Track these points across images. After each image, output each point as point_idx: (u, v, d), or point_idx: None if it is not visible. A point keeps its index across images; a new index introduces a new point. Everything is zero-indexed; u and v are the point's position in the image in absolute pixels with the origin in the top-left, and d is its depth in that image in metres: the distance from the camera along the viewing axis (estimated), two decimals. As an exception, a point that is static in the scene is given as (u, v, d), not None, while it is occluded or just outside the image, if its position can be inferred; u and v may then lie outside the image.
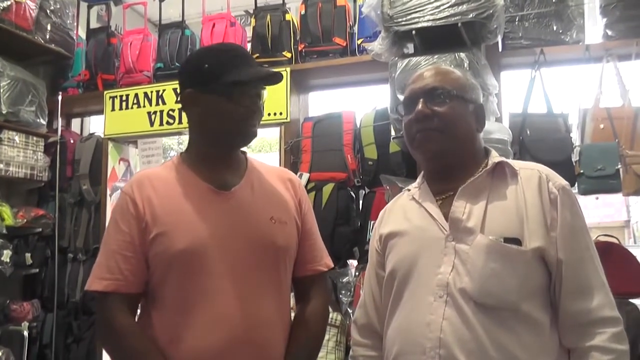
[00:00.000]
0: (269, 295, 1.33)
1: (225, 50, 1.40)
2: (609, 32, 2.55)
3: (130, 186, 1.34)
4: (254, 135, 1.37)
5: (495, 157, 1.29)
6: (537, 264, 1.17)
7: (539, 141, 2.44)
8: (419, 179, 1.40)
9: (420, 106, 1.27)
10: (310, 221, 1.48)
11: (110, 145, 3.48)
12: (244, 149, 1.46)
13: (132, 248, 1.28)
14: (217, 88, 1.30)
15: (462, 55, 2.33)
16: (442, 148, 1.27)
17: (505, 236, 1.17)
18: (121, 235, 1.29)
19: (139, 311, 1.37)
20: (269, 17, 3.16)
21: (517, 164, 1.28)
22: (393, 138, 2.61)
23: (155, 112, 3.32)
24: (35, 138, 3.37)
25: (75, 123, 4.04)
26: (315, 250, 1.47)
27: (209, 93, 1.31)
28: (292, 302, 1.48)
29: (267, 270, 1.33)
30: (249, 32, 3.33)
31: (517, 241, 1.16)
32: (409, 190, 1.40)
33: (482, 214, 1.21)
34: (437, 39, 2.40)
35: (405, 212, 1.35)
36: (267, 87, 1.38)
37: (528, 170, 1.25)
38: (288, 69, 3.01)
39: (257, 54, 3.11)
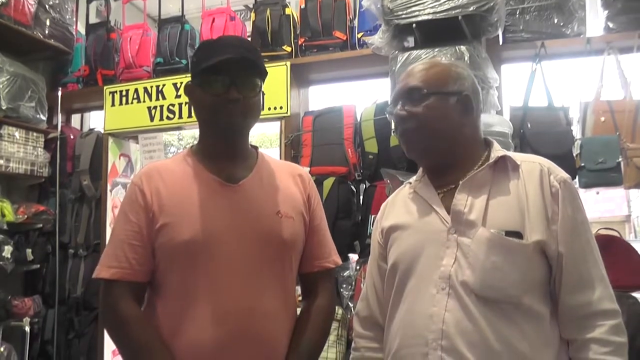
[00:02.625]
0: (273, 289, 1.32)
1: (213, 41, 1.38)
2: (611, 25, 2.54)
3: (140, 177, 1.36)
4: (233, 125, 1.33)
5: (497, 151, 1.28)
6: (538, 257, 1.17)
7: (539, 134, 2.44)
8: (419, 172, 1.39)
9: (398, 108, 1.30)
10: (318, 217, 1.47)
11: (110, 140, 3.48)
12: (251, 141, 1.45)
13: (140, 237, 1.29)
14: (196, 78, 1.34)
15: (463, 48, 2.32)
16: (421, 147, 1.29)
17: (507, 229, 1.17)
18: (129, 225, 1.30)
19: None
20: (268, 11, 3.15)
21: (518, 157, 1.27)
22: (394, 132, 2.59)
23: (155, 107, 3.32)
24: (35, 134, 3.37)
25: (75, 119, 4.04)
26: (323, 247, 1.46)
27: (193, 84, 1.35)
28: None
29: (272, 263, 1.33)
30: (249, 27, 3.33)
31: (518, 234, 1.16)
32: (410, 183, 1.40)
33: (483, 207, 1.20)
34: (437, 32, 2.39)
35: (407, 205, 1.35)
36: (260, 78, 1.35)
37: (529, 163, 1.25)
38: (288, 63, 3.02)
39: (257, 48, 3.10)
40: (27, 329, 3.17)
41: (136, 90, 3.37)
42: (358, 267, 2.73)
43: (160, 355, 1.23)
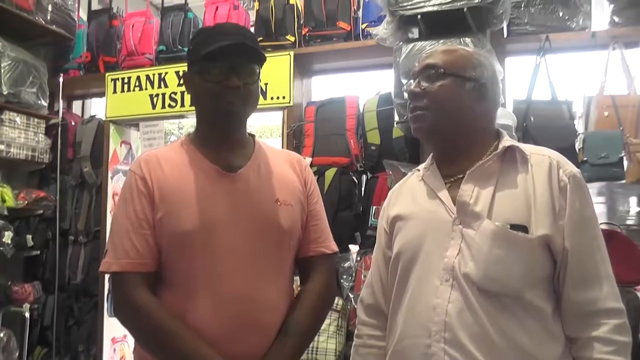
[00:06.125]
0: (272, 277, 1.32)
1: (211, 28, 1.37)
2: (616, 19, 2.52)
3: (139, 165, 1.34)
4: (233, 112, 1.32)
5: (506, 141, 1.26)
6: (542, 252, 1.15)
7: (542, 128, 2.42)
8: (428, 160, 1.38)
9: (413, 85, 1.28)
10: (315, 202, 1.46)
11: (111, 127, 3.48)
12: (251, 131, 1.45)
13: (147, 225, 1.28)
14: (194, 65, 1.32)
15: (467, 40, 2.31)
16: (429, 126, 1.26)
17: (512, 223, 1.15)
18: (133, 213, 1.28)
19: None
20: (272, 0, 3.13)
21: (528, 148, 1.25)
22: (396, 123, 2.60)
23: (157, 95, 3.31)
24: (36, 119, 3.36)
25: (77, 105, 4.03)
26: (319, 232, 1.45)
27: (191, 72, 1.35)
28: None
29: (271, 252, 1.33)
30: (253, 16, 3.31)
31: (523, 228, 1.15)
32: (418, 170, 1.39)
33: (489, 199, 1.19)
34: (442, 24, 2.38)
35: (413, 194, 1.34)
36: (259, 65, 1.34)
37: (539, 155, 1.23)
38: (291, 53, 3.01)
39: (261, 38, 3.09)
40: (27, 314, 3.18)
41: (138, 78, 3.36)
42: (359, 258, 2.73)
43: (186, 335, 1.21)
